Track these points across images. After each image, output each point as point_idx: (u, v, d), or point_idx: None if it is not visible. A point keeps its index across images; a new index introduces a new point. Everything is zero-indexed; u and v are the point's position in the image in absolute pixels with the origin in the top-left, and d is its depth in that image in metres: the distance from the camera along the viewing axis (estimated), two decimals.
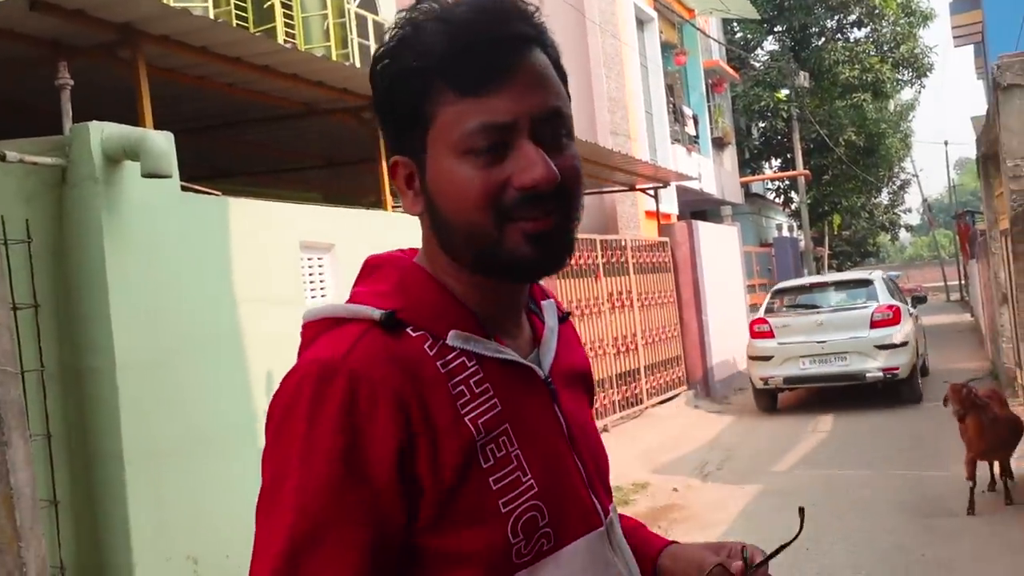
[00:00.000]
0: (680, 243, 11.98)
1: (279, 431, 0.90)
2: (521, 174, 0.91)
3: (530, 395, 0.99)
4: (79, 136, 3.77)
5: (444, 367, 0.92)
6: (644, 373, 10.52)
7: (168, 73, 4.96)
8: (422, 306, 0.95)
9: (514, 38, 0.92)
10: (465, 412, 0.91)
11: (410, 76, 0.93)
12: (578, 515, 0.98)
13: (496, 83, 0.90)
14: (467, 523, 0.90)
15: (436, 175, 0.94)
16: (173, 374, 3.98)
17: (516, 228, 0.92)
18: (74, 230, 3.79)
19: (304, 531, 0.85)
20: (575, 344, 1.15)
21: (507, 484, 0.92)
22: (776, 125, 24.04)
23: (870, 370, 10.00)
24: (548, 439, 0.99)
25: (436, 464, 0.88)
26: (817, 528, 5.85)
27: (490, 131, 0.90)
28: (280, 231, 4.79)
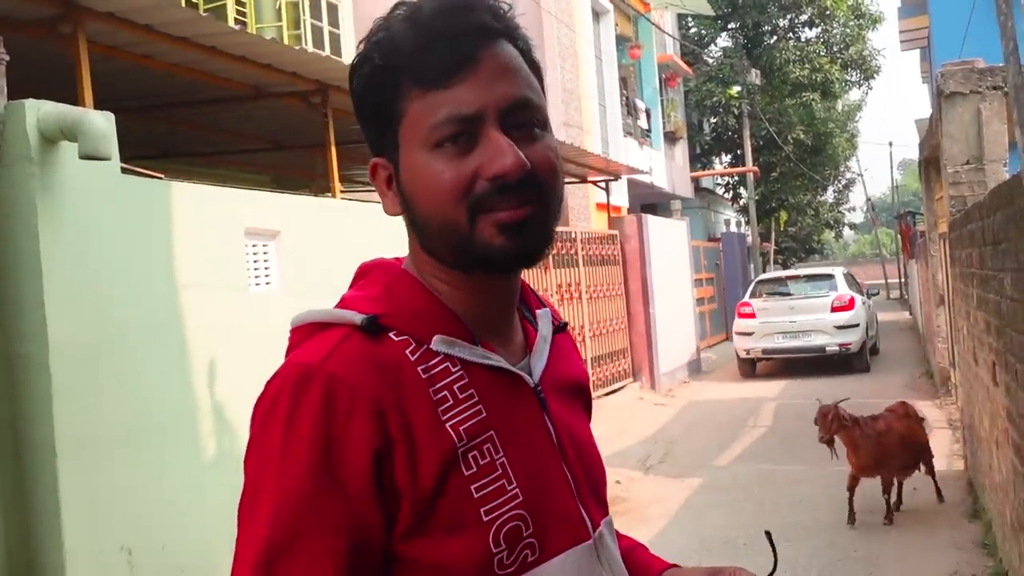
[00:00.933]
0: (630, 236, 12.07)
1: (258, 436, 0.90)
2: (489, 164, 0.90)
3: (518, 402, 0.97)
4: (14, 114, 3.64)
5: (426, 372, 0.91)
6: (591, 364, 10.59)
7: (111, 51, 4.82)
8: (406, 310, 0.94)
9: (477, 30, 0.92)
10: (447, 418, 0.90)
11: (379, 76, 0.94)
12: (565, 527, 0.96)
13: (460, 74, 0.90)
14: (447, 531, 0.88)
15: (408, 171, 0.94)
16: (110, 361, 3.88)
17: (489, 219, 0.91)
18: (7, 212, 3.66)
19: (278, 540, 0.85)
20: (572, 356, 1.14)
21: (490, 492, 0.90)
22: (727, 121, 24.34)
23: (829, 344, 12.81)
24: (536, 447, 0.97)
25: (414, 471, 0.87)
26: (753, 524, 5.96)
27: (456, 122, 0.90)
28: (224, 216, 4.70)
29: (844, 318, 12.85)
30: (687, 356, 14.00)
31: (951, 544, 5.36)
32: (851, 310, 12.90)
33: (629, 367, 11.92)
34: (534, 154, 0.92)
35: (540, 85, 0.99)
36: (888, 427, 5.92)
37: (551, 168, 0.94)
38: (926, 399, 10.47)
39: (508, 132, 0.91)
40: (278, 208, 5.19)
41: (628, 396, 11.37)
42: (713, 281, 18.31)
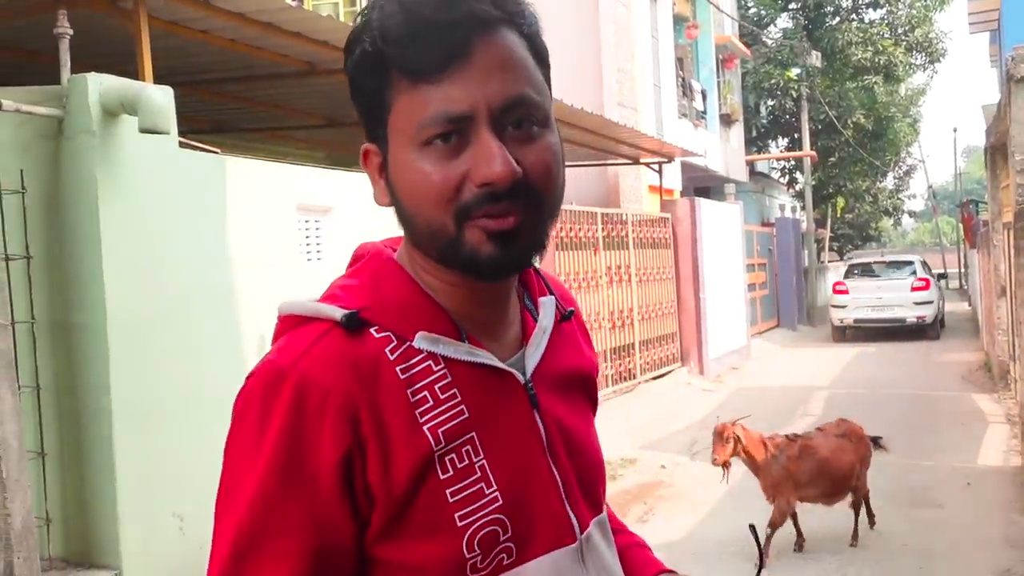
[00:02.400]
0: (681, 219, 11.93)
1: (233, 434, 0.89)
2: (478, 169, 0.84)
3: (506, 401, 0.93)
4: (77, 87, 3.72)
5: (404, 372, 0.88)
6: (639, 348, 10.53)
7: (170, 26, 4.88)
8: (390, 305, 0.91)
9: (471, 19, 0.85)
10: (424, 420, 0.87)
11: (367, 61, 0.88)
12: (548, 529, 0.93)
13: (451, 68, 0.84)
14: (419, 535, 0.86)
15: (396, 166, 0.89)
16: (165, 331, 3.96)
17: (476, 225, 0.86)
18: (69, 183, 3.75)
19: (245, 538, 0.85)
20: (580, 344, 1.08)
21: (466, 496, 0.88)
22: (785, 104, 23.83)
23: (909, 316, 16.21)
24: (522, 448, 0.93)
25: (387, 473, 0.85)
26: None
27: (445, 121, 0.84)
28: (278, 192, 4.75)
29: (922, 296, 16.23)
30: (737, 342, 13.84)
31: (1004, 541, 5.24)
32: (927, 290, 16.36)
33: (678, 351, 11.82)
34: (530, 156, 0.87)
35: (546, 74, 0.93)
36: (806, 450, 5.06)
37: (547, 171, 0.89)
38: (983, 392, 10.21)
39: (504, 131, 0.86)
40: (330, 184, 5.23)
41: (676, 381, 11.29)
42: (765, 267, 18.04)
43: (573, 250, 9.00)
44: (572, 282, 8.96)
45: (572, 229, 8.96)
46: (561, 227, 8.67)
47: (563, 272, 8.71)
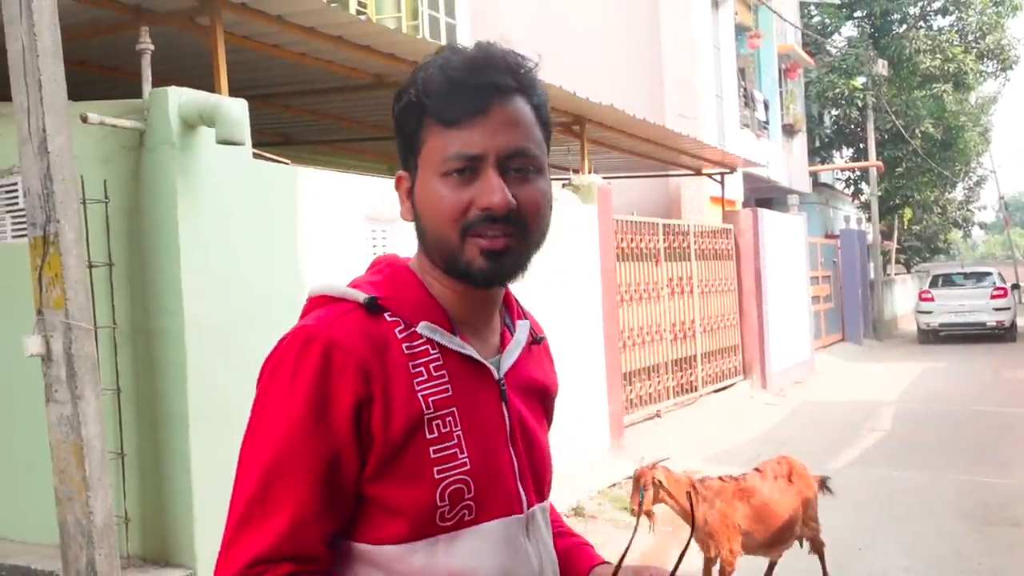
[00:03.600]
0: (744, 230, 11.78)
1: (268, 382, 1.10)
2: (481, 197, 1.10)
3: (482, 389, 1.16)
4: (157, 101, 3.85)
5: (408, 350, 1.11)
6: (700, 361, 10.41)
7: (243, 40, 5.02)
8: (402, 298, 1.14)
9: (492, 86, 1.11)
10: (419, 389, 1.10)
11: (410, 108, 1.13)
12: (501, 499, 1.15)
13: (470, 120, 1.10)
14: (405, 480, 1.08)
15: (420, 191, 1.14)
16: (238, 339, 4.05)
17: (474, 243, 1.11)
18: (149, 193, 3.88)
19: (278, 460, 1.06)
20: (546, 366, 1.33)
21: (444, 456, 1.10)
22: (850, 114, 23.37)
23: (989, 321, 18.44)
24: (489, 429, 1.15)
25: (387, 424, 1.07)
26: (870, 530, 5.75)
27: (462, 158, 1.10)
28: (346, 202, 4.84)
29: (1000, 303, 18.58)
30: (801, 355, 13.58)
31: None
32: (1005, 297, 18.81)
33: (740, 365, 11.66)
34: (523, 194, 1.12)
35: (546, 135, 1.18)
36: (742, 493, 4.35)
37: (536, 208, 1.14)
38: None
39: (507, 172, 1.11)
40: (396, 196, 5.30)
41: (738, 394, 11.13)
42: (830, 279, 17.68)
43: (634, 261, 8.95)
44: (633, 293, 8.91)
45: (633, 240, 8.91)
46: (622, 238, 8.64)
47: (624, 283, 8.67)
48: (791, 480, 4.63)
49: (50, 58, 3.34)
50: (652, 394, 9.24)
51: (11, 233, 4.44)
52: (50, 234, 3.38)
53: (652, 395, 9.24)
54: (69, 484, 3.48)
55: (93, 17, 4.64)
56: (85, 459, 3.44)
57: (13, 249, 4.29)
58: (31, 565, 4.06)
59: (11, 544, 4.36)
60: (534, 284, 1.18)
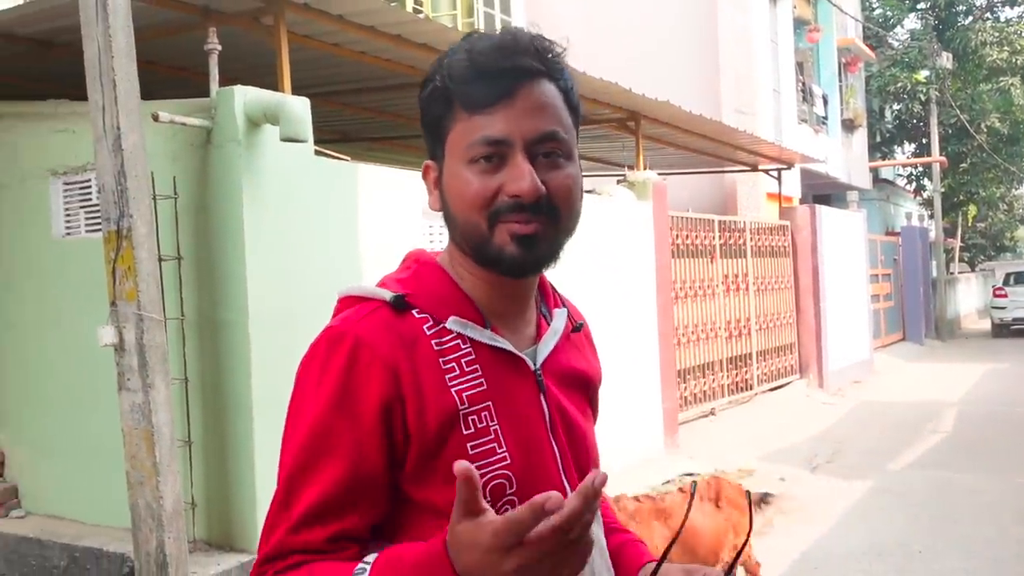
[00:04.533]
0: (801, 227, 11.61)
1: (300, 379, 1.11)
2: (510, 183, 1.06)
3: (518, 381, 1.13)
4: (224, 99, 3.96)
5: (438, 346, 1.09)
6: (756, 359, 10.31)
7: (305, 40, 5.13)
8: (429, 294, 1.12)
9: (519, 70, 1.08)
10: (452, 384, 1.08)
11: (437, 94, 1.10)
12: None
13: (497, 105, 1.07)
14: (443, 479, 1.04)
15: (448, 178, 1.11)
16: (300, 330, 4.15)
17: (504, 228, 1.07)
18: (216, 189, 4.00)
19: (305, 458, 1.06)
20: (587, 354, 1.29)
21: (482, 452, 1.07)
22: (912, 108, 22.84)
23: None
24: (528, 422, 1.12)
25: (421, 422, 1.05)
26: (930, 532, 5.65)
27: (489, 144, 1.07)
28: (404, 197, 4.91)
29: None
30: (859, 355, 13.35)
31: None
32: None
33: (796, 363, 11.50)
34: (553, 180, 1.08)
35: (575, 119, 1.14)
36: (658, 515, 4.02)
37: (567, 194, 1.10)
38: None
39: (536, 158, 1.08)
40: None
41: (794, 393, 10.99)
42: (890, 277, 17.32)
43: (689, 257, 8.90)
44: (688, 290, 8.86)
45: (688, 236, 8.86)
46: (677, 234, 8.59)
47: (679, 279, 8.63)
48: (719, 504, 4.19)
49: (124, 59, 3.47)
50: (706, 392, 9.18)
51: (85, 228, 4.61)
52: (123, 229, 3.51)
53: (707, 393, 9.18)
54: (140, 469, 3.62)
55: (163, 19, 4.78)
56: (155, 445, 3.57)
57: (87, 244, 4.46)
58: (103, 547, 4.22)
59: (84, 526, 4.54)
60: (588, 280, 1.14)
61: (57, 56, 5.32)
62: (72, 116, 4.63)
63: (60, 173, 4.67)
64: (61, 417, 4.77)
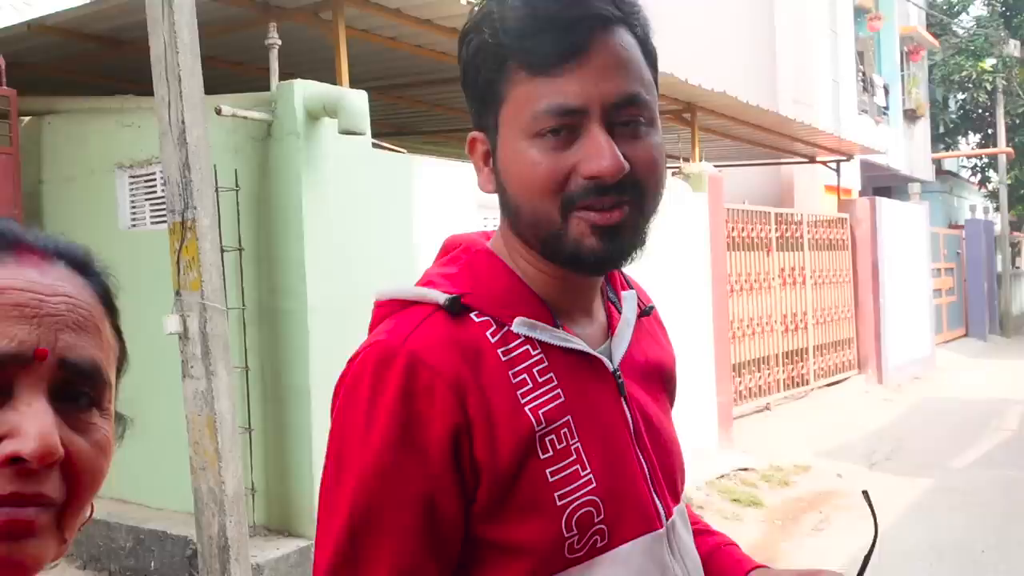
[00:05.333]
0: (860, 220, 11.38)
1: (342, 412, 0.91)
2: (587, 162, 0.87)
3: (596, 387, 0.96)
4: (284, 93, 4.03)
5: (505, 355, 0.91)
6: (812, 353, 10.15)
7: (363, 34, 5.18)
8: (489, 291, 0.94)
9: (593, 17, 0.88)
10: (525, 402, 0.90)
11: (487, 52, 0.90)
12: (636, 514, 0.95)
13: (569, 64, 0.87)
14: (522, 514, 0.89)
15: (505, 155, 0.91)
16: (357, 319, 4.21)
17: (581, 218, 0.89)
18: (276, 181, 4.08)
19: (362, 513, 0.87)
20: (659, 339, 1.12)
21: (564, 477, 0.90)
22: (977, 97, 22.18)
23: None
24: (612, 433, 0.95)
25: (493, 450, 0.87)
26: (994, 532, 5.51)
27: (559, 114, 0.87)
28: (458, 189, 4.95)
29: None
30: (920, 351, 13.05)
31: None
32: None
33: (854, 358, 11.29)
34: (636, 153, 0.89)
35: (654, 75, 0.94)
36: None
37: (653, 169, 0.91)
38: None
39: (612, 128, 0.88)
40: None
41: (852, 389, 10.79)
42: (953, 271, 16.89)
43: (745, 250, 8.79)
44: (744, 283, 8.76)
45: (744, 229, 8.75)
46: (733, 227, 8.50)
47: (734, 272, 8.53)
48: None
49: (189, 55, 3.55)
50: (762, 386, 9.07)
51: (150, 220, 4.74)
52: (188, 220, 3.60)
53: (762, 387, 9.07)
54: (203, 455, 3.71)
55: (223, 15, 4.88)
56: (218, 432, 3.66)
57: (152, 235, 4.58)
58: (167, 530, 4.34)
59: (149, 510, 4.67)
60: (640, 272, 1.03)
61: (122, 53, 5.47)
62: (137, 111, 4.76)
63: (126, 166, 4.80)
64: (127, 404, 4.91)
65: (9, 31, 5.18)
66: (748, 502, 6.24)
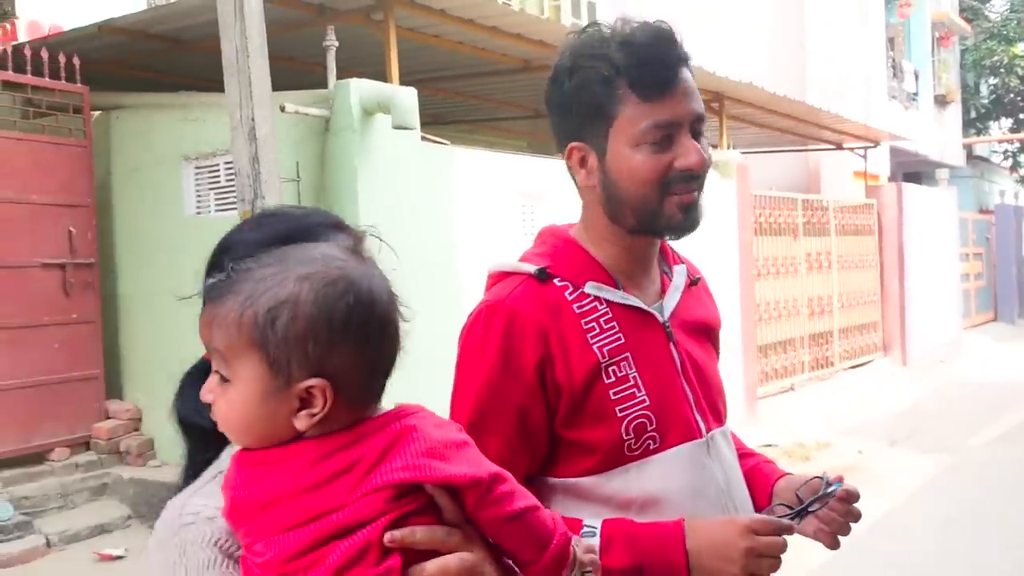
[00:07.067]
0: (887, 206, 11.55)
1: (465, 347, 1.28)
2: (683, 159, 1.24)
3: (650, 334, 1.31)
4: (341, 91, 4.37)
5: (579, 309, 1.26)
6: (837, 336, 10.37)
7: (409, 32, 5.51)
8: (568, 265, 1.30)
9: (677, 59, 1.26)
10: (594, 342, 1.25)
11: (601, 82, 1.25)
12: (681, 427, 1.29)
13: (668, 91, 1.24)
14: (592, 421, 1.24)
15: (616, 159, 1.26)
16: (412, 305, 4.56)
17: (673, 200, 1.25)
18: (334, 173, 4.43)
19: (476, 415, 1.23)
20: (707, 303, 1.46)
21: (623, 396, 1.25)
22: (1009, 82, 22.03)
23: None
24: (662, 368, 1.30)
25: (569, 375, 1.24)
26: (1005, 504, 5.76)
27: (662, 127, 1.24)
28: (501, 179, 5.27)
29: None
30: (947, 335, 13.20)
31: None
32: None
33: (879, 342, 11.50)
34: (704, 153, 1.26)
35: None
36: None
37: (707, 165, 1.28)
38: None
39: (693, 136, 1.25)
40: (543, 172, 5.71)
41: (876, 371, 11.01)
42: (982, 256, 16.93)
43: (772, 235, 9.03)
44: (771, 267, 9.01)
45: (772, 215, 8.99)
46: (760, 212, 8.74)
47: (761, 257, 8.78)
48: None
49: (258, 57, 3.91)
50: (787, 367, 9.33)
51: (214, 208, 5.12)
52: (257, 209, 3.96)
53: (787, 368, 9.33)
54: None
55: (280, 16, 5.23)
56: None
57: (216, 222, 4.96)
58: None
59: None
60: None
61: (183, 51, 5.85)
62: (201, 106, 5.14)
63: (192, 158, 5.18)
64: None
65: (81, 31, 5.57)
66: None
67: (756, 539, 1.19)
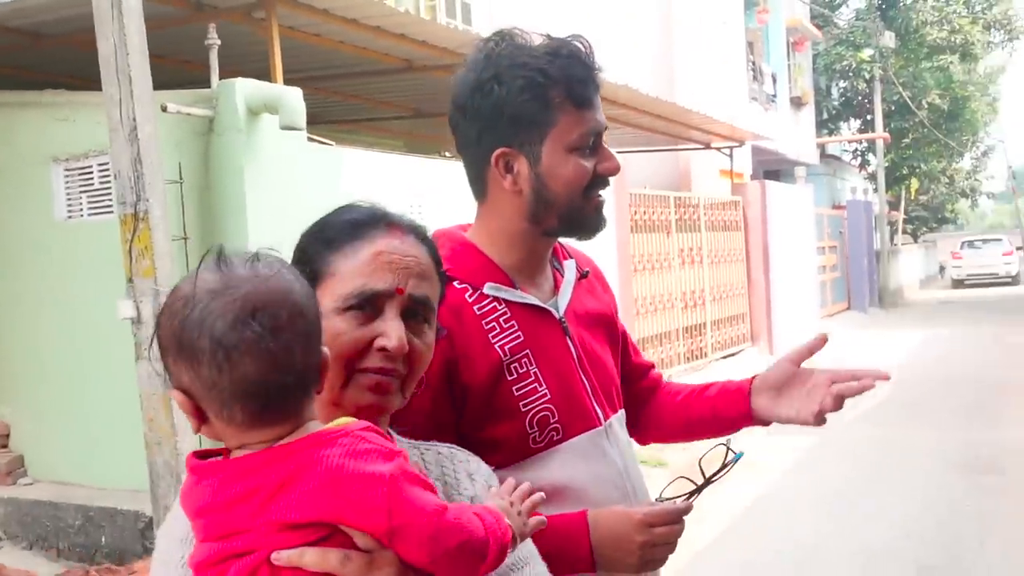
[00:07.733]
0: (752, 203, 12.15)
1: None
2: (605, 163, 1.35)
3: (547, 329, 1.38)
4: (225, 91, 4.28)
5: (479, 310, 1.31)
6: (710, 328, 10.85)
7: (290, 31, 5.43)
8: (465, 267, 1.34)
9: (598, 71, 1.36)
10: (495, 341, 1.31)
11: (536, 90, 1.30)
12: (581, 417, 1.38)
13: (594, 102, 1.34)
14: (497, 418, 1.30)
15: (551, 164, 1.32)
16: None
17: (592, 202, 1.35)
18: (219, 173, 4.33)
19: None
20: (599, 293, 1.53)
21: (526, 391, 1.32)
22: (857, 86, 23.61)
23: (1001, 272, 27.28)
24: (560, 361, 1.38)
25: (473, 374, 1.29)
26: (868, 480, 6.21)
27: (593, 135, 1.33)
28: (388, 179, 5.26)
29: (1010, 259, 27.58)
30: (807, 324, 14.01)
31: None
32: (1012, 255, 27.75)
33: (748, 332, 12.09)
34: (617, 159, 1.38)
35: None
36: None
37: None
38: None
39: None
40: (430, 173, 5.73)
41: (746, 360, 11.57)
42: (836, 249, 18.04)
43: (646, 232, 9.35)
44: (646, 263, 9.33)
45: (645, 212, 9.31)
46: (635, 211, 9.04)
47: (637, 253, 9.09)
48: None
49: (138, 55, 3.78)
50: (664, 359, 9.69)
51: (88, 212, 4.90)
52: (140, 212, 3.84)
53: (664, 360, 9.69)
54: (158, 431, 3.97)
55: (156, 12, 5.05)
56: (173, 409, 3.92)
57: (89, 226, 4.75)
58: (118, 506, 4.56)
59: (95, 490, 4.86)
60: None
61: (45, 46, 5.56)
62: (71, 105, 4.91)
63: (61, 159, 4.94)
64: (66, 389, 5.07)
65: None
66: (655, 463, 6.79)
67: (650, 532, 1.29)
